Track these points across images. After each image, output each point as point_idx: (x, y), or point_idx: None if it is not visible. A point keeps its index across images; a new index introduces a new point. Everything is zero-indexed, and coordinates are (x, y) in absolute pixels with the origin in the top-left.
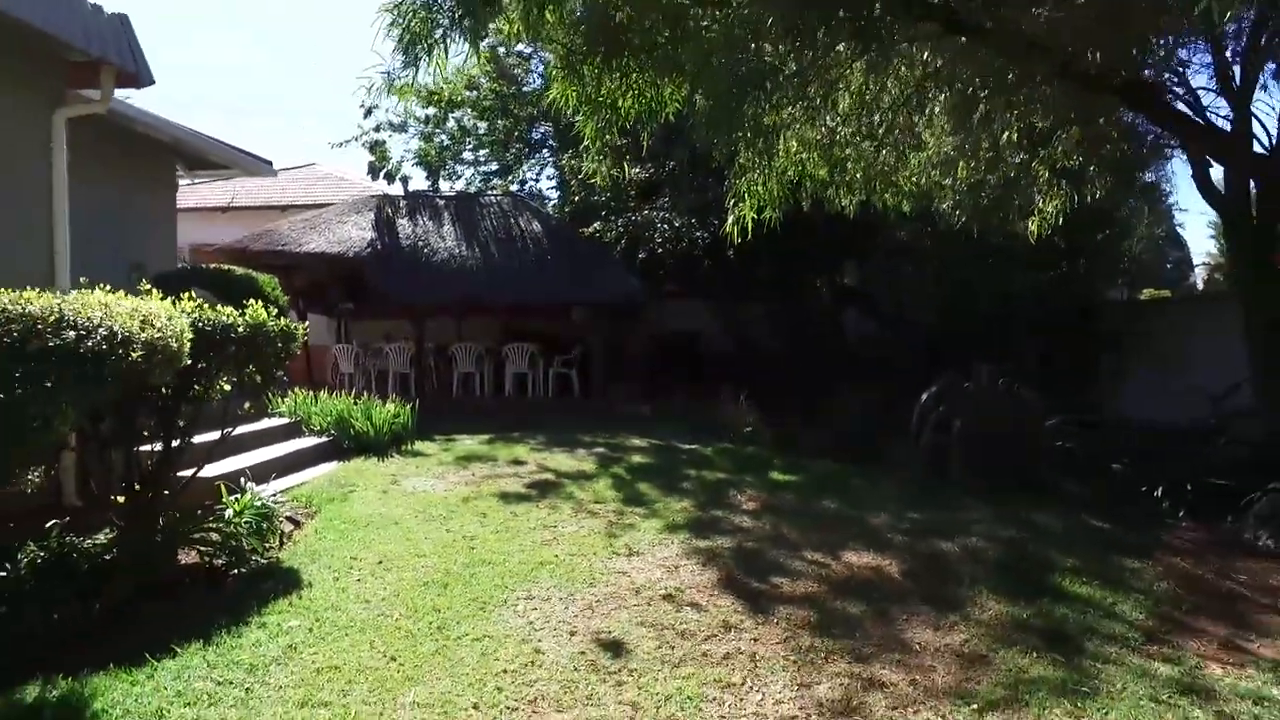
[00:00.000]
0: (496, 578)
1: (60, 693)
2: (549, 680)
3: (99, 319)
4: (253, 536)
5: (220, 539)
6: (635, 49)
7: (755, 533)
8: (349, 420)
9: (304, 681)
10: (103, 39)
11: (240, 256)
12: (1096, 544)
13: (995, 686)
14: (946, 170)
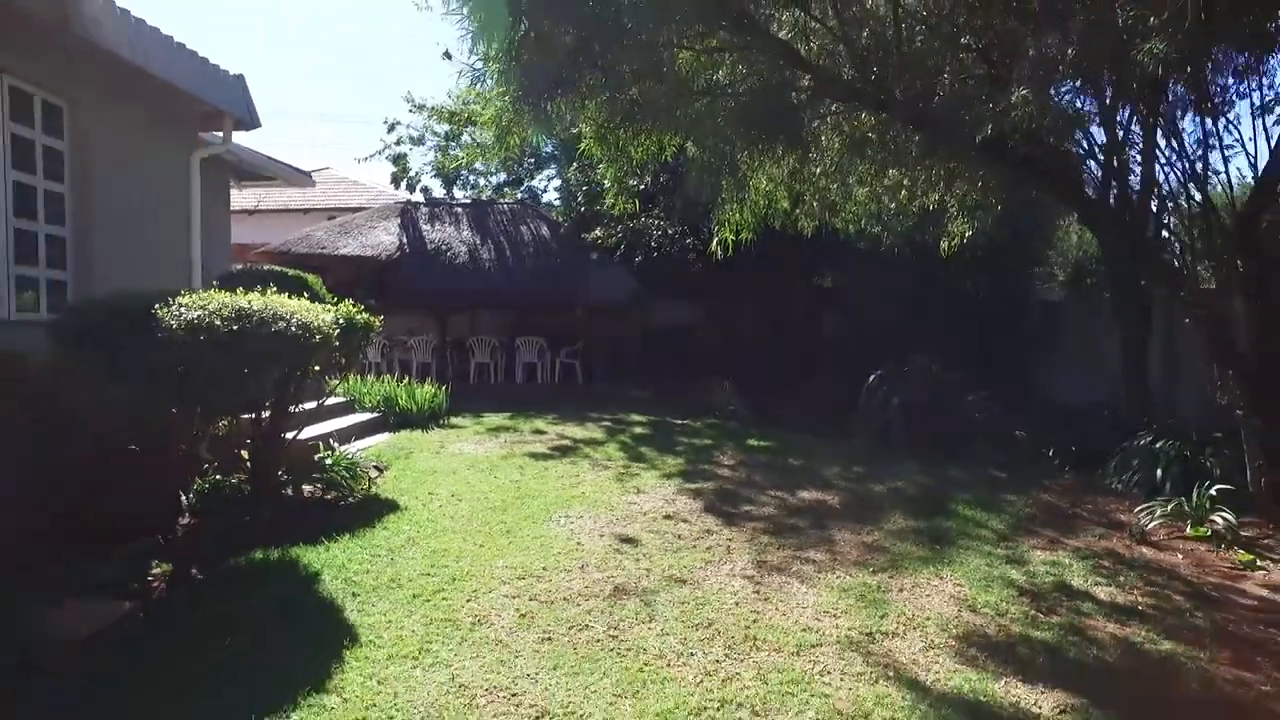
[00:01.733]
0: (540, 505)
1: (274, 557)
2: (589, 556)
3: (293, 312)
4: (349, 479)
5: (328, 480)
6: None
7: (732, 479)
8: (395, 399)
9: (426, 555)
10: (227, 95)
11: (283, 258)
12: (989, 487)
13: (886, 562)
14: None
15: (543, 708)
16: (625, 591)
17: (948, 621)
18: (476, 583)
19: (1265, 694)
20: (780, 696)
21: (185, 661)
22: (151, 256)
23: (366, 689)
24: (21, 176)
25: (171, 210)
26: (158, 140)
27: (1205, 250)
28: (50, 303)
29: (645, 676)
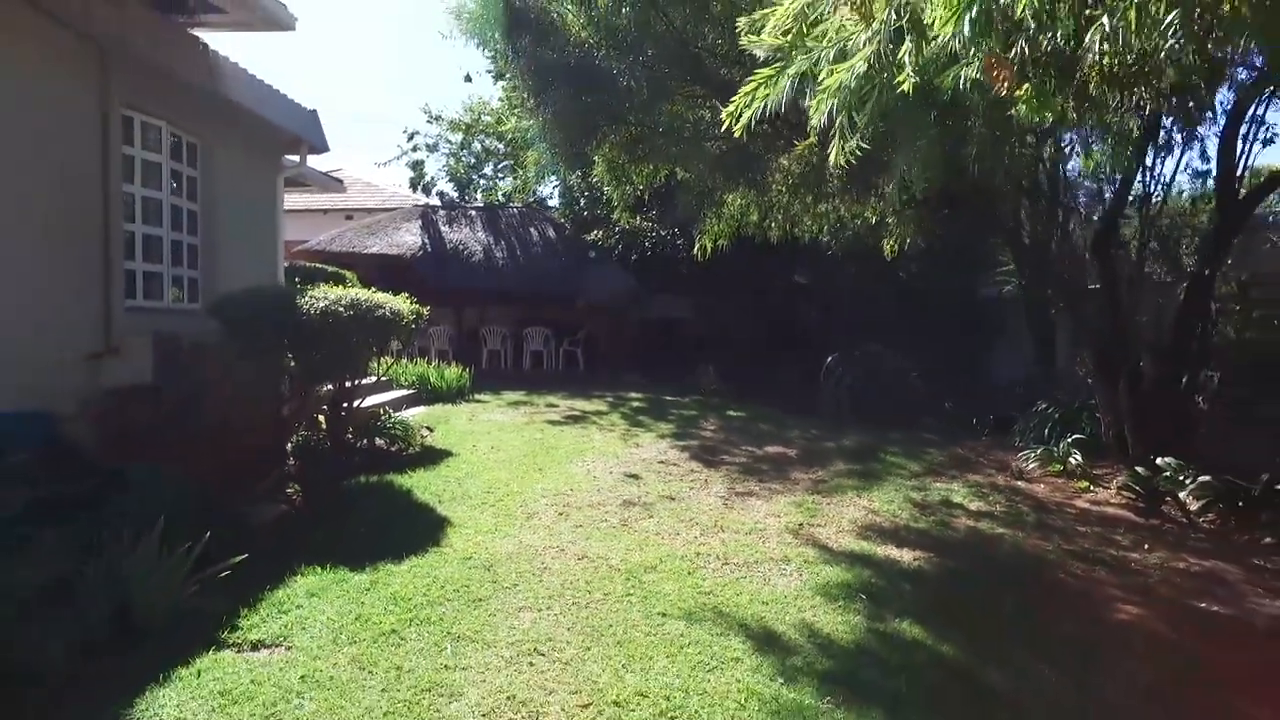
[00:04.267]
0: (561, 454)
1: (373, 481)
2: (603, 484)
3: (386, 302)
4: (405, 437)
5: (389, 436)
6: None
7: (713, 439)
8: (427, 378)
9: (482, 482)
10: (305, 126)
11: (319, 256)
12: (918, 444)
13: (824, 489)
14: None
15: (581, 553)
16: (631, 503)
17: (856, 520)
18: (523, 496)
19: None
20: (735, 551)
21: (338, 533)
22: (250, 258)
23: (465, 546)
24: (173, 199)
25: (263, 220)
26: (255, 165)
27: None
28: (187, 297)
29: (646, 542)
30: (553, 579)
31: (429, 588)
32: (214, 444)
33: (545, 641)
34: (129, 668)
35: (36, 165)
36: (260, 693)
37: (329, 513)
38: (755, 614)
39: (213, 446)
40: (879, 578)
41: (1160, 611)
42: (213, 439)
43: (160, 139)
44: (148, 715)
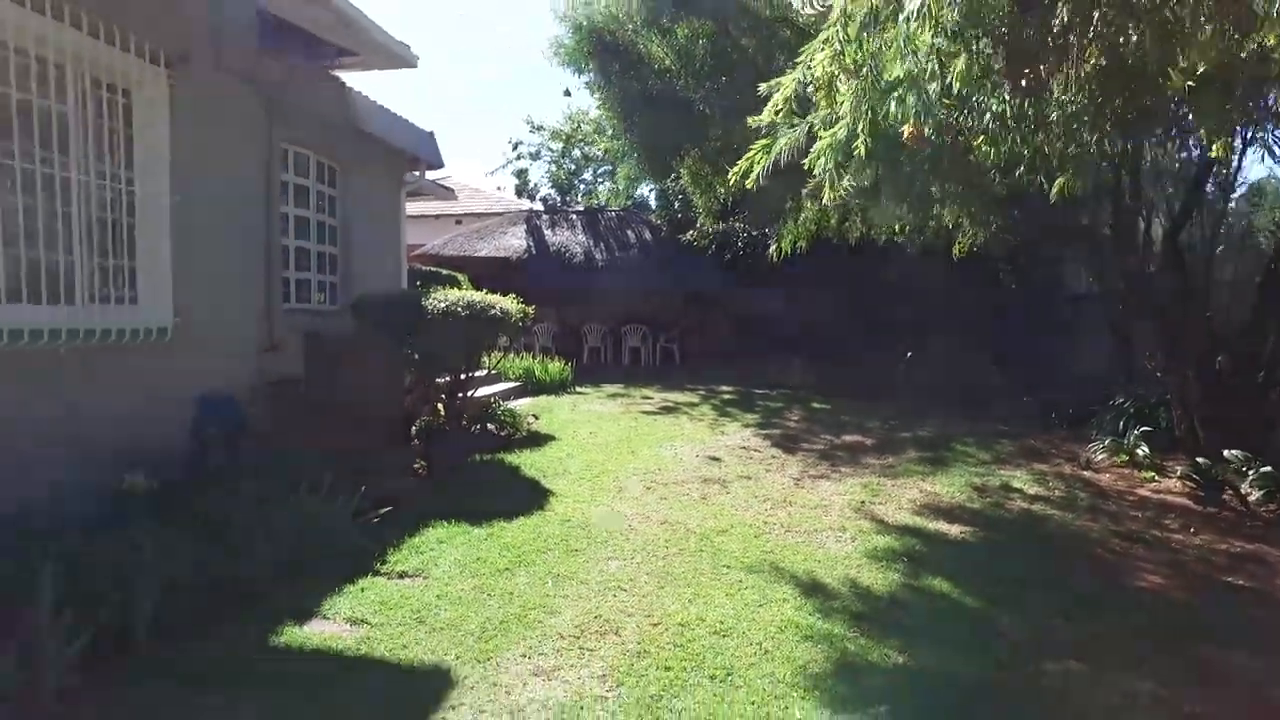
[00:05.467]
0: (653, 439)
1: (487, 459)
2: (687, 464)
3: (497, 302)
4: (513, 422)
5: (499, 422)
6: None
7: (794, 428)
8: (532, 371)
9: (581, 461)
10: (424, 146)
11: (434, 259)
12: (991, 436)
13: (891, 474)
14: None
15: (663, 519)
16: (711, 481)
17: (915, 500)
18: (616, 474)
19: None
20: (799, 522)
21: (459, 498)
22: (379, 263)
23: (564, 511)
24: (320, 216)
25: (388, 230)
26: (381, 182)
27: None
28: (329, 299)
29: (720, 512)
30: (637, 537)
31: (534, 540)
32: (353, 424)
33: (627, 581)
34: (310, 583)
35: (226, 194)
36: (408, 603)
37: (450, 483)
38: (807, 569)
39: (352, 426)
40: (924, 546)
41: (1183, 582)
42: (352, 420)
43: (308, 165)
44: (329, 612)
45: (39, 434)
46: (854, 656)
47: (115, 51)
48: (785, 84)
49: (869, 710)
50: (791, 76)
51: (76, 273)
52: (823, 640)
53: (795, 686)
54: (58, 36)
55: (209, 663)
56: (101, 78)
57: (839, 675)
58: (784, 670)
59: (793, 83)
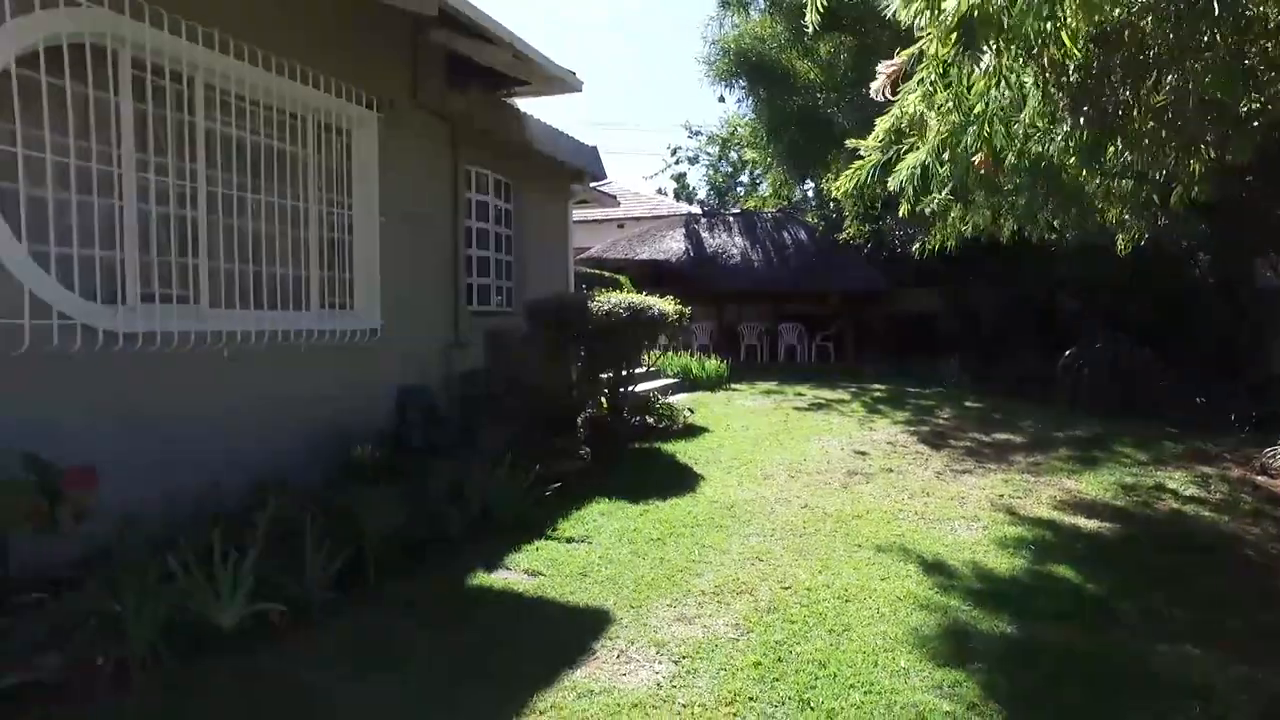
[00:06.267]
0: (801, 434)
1: (644, 447)
2: (833, 457)
3: (655, 304)
4: (670, 415)
5: (657, 415)
6: None
7: (944, 426)
8: (690, 368)
9: (731, 452)
10: (588, 160)
11: (597, 262)
12: (1155, 437)
13: (1037, 471)
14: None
15: (804, 504)
16: (854, 473)
17: (1055, 497)
18: (763, 463)
19: (1244, 532)
20: (933, 511)
21: (619, 480)
22: (548, 269)
23: (713, 493)
24: (496, 228)
25: (556, 238)
26: (550, 194)
27: None
28: (505, 302)
29: (859, 499)
30: (777, 519)
31: (684, 517)
32: (528, 413)
33: (765, 554)
34: (494, 542)
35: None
36: (574, 561)
37: (611, 467)
38: (933, 551)
39: (527, 415)
40: (1054, 536)
41: None
42: (527, 410)
43: (487, 183)
44: (510, 564)
45: (291, 414)
46: (964, 624)
47: (340, 101)
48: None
49: (968, 666)
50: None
51: (311, 285)
52: (937, 609)
53: (903, 643)
54: (300, 94)
55: (419, 595)
56: (329, 123)
57: (946, 637)
58: (896, 630)
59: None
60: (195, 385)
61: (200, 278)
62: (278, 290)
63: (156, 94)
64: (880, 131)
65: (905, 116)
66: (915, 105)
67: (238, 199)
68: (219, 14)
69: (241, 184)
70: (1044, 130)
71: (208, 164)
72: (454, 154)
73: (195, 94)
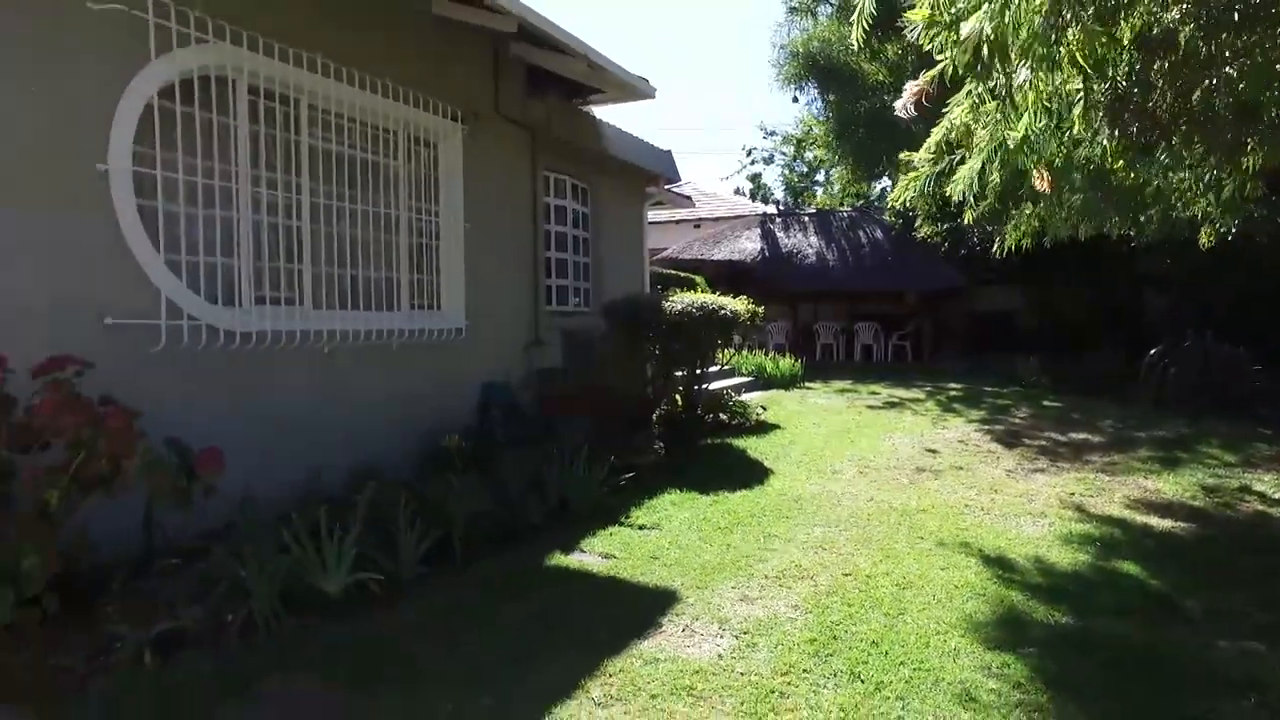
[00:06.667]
0: (873, 431)
1: (717, 443)
2: (903, 454)
3: (728, 304)
4: (743, 412)
5: (730, 412)
6: None
7: (1019, 425)
8: (764, 367)
9: (801, 448)
10: (662, 164)
11: (673, 263)
12: (1246, 439)
13: (1114, 470)
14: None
15: (869, 498)
16: (922, 469)
17: (1130, 496)
18: (832, 459)
19: None
20: (1000, 507)
21: (690, 473)
22: (624, 269)
23: (781, 487)
24: (573, 231)
25: (632, 240)
26: (625, 197)
27: None
28: (583, 302)
29: (925, 495)
30: (842, 511)
31: (752, 508)
32: (603, 409)
33: (828, 543)
34: (570, 528)
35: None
36: (645, 546)
37: (684, 461)
38: (995, 545)
39: (603, 410)
40: (1123, 535)
41: None
42: (602, 406)
43: (565, 188)
44: (585, 547)
45: (384, 408)
46: (1020, 613)
47: (428, 115)
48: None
49: (1020, 650)
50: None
51: (401, 287)
52: (994, 599)
53: (957, 627)
54: (391, 110)
55: (501, 574)
56: (418, 135)
57: (1001, 624)
58: (951, 615)
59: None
60: (300, 381)
61: (304, 281)
62: (371, 292)
63: (267, 116)
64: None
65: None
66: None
67: (336, 208)
68: (321, 41)
69: (339, 194)
70: (1090, 135)
71: (310, 177)
72: (533, 161)
73: (300, 114)
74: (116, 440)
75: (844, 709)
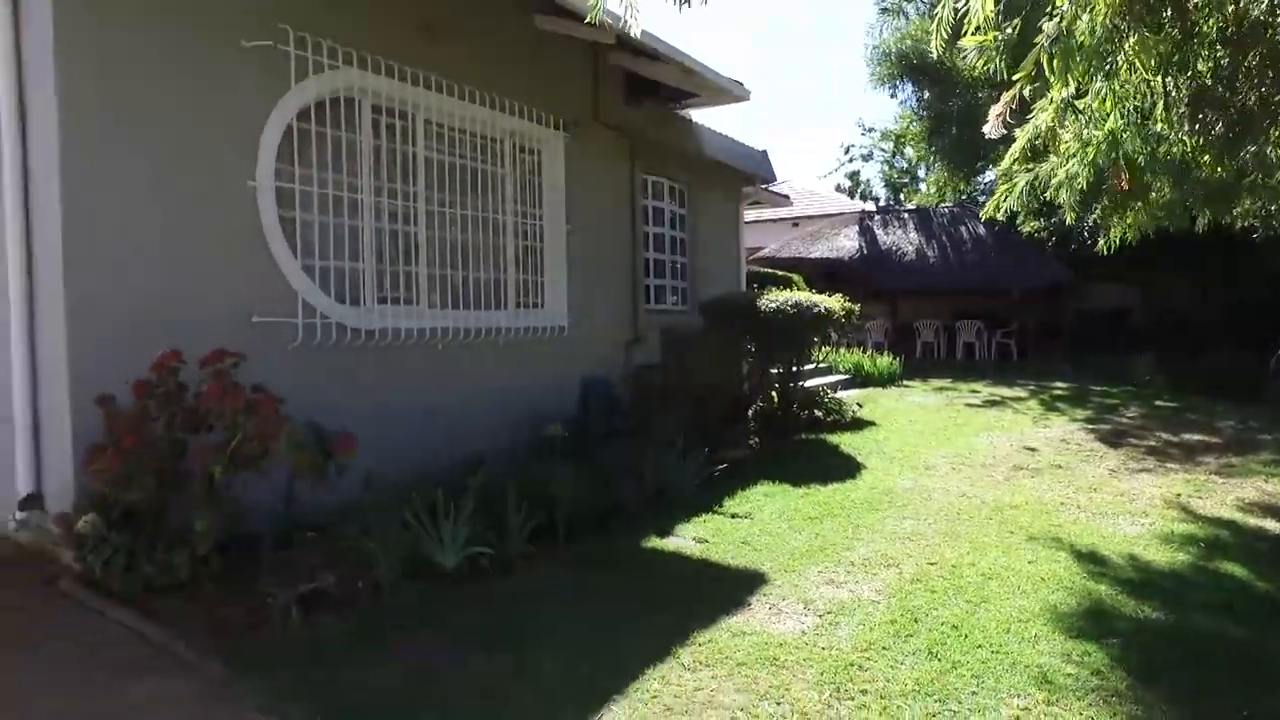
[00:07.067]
0: (969, 429)
1: (811, 438)
2: (999, 452)
3: (822, 302)
4: (838, 409)
5: (825, 408)
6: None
7: (1127, 424)
8: (861, 365)
9: (895, 444)
10: (759, 165)
11: (770, 261)
12: None
13: (1227, 472)
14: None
15: (961, 493)
16: (1020, 467)
17: (1243, 498)
18: (926, 456)
19: None
20: (1098, 505)
21: (783, 466)
22: (720, 269)
23: (872, 481)
24: (670, 232)
25: (728, 240)
26: (721, 198)
27: None
28: (680, 301)
29: (1020, 491)
30: (933, 505)
31: (842, 500)
32: (699, 404)
33: (916, 535)
34: (666, 514)
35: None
36: (737, 532)
37: (778, 455)
38: (1089, 542)
39: (699, 406)
40: (1232, 537)
41: None
42: (698, 401)
43: (662, 190)
44: (680, 532)
45: (491, 399)
46: (1106, 606)
47: (531, 124)
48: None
49: (1102, 640)
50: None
51: (507, 287)
52: (1080, 591)
53: (1039, 616)
54: (498, 121)
55: (600, 554)
56: (522, 144)
57: (1085, 615)
58: (1035, 605)
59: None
60: (416, 374)
61: (420, 282)
62: (480, 292)
63: (387, 131)
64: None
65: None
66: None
67: (448, 214)
68: (435, 61)
69: (451, 201)
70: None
71: (425, 186)
72: (631, 165)
73: (416, 128)
74: (266, 423)
75: (919, 683)
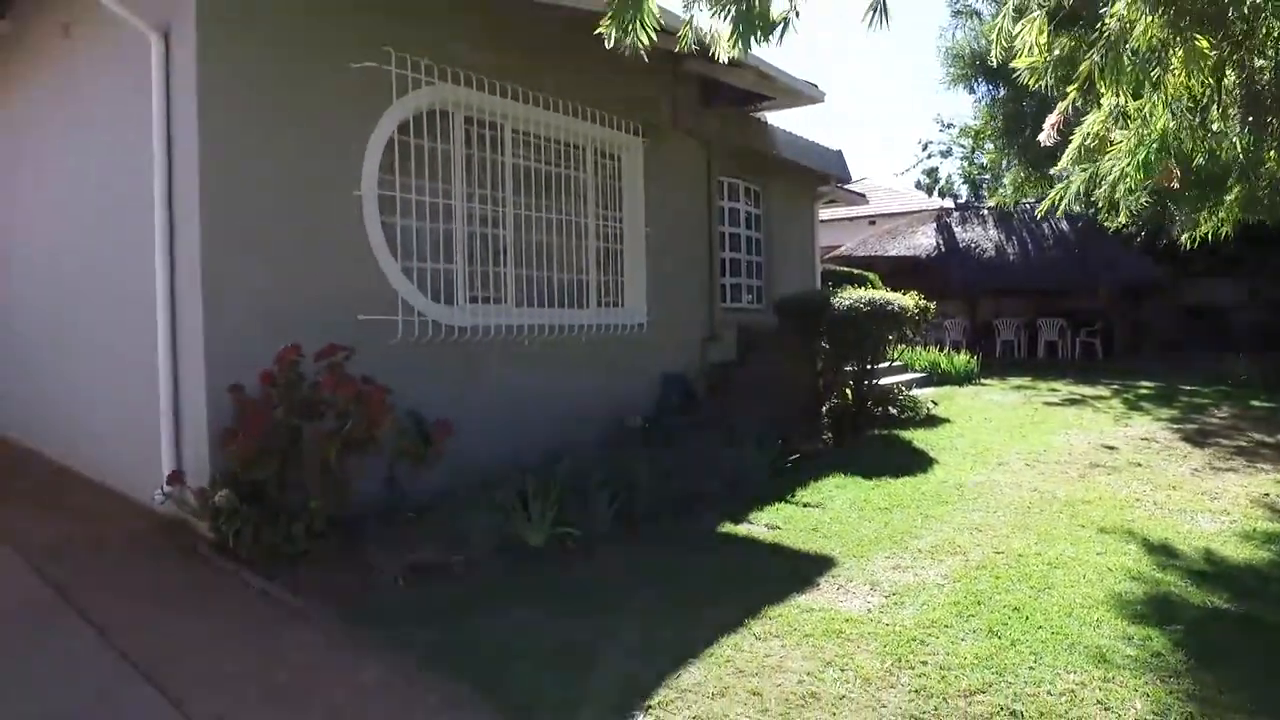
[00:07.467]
0: (1046, 427)
1: (885, 434)
2: (1076, 450)
3: (895, 299)
4: (913, 406)
5: (900, 405)
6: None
7: (1216, 425)
8: (938, 363)
9: (969, 441)
10: (833, 164)
11: (846, 260)
12: None
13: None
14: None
15: (1034, 488)
16: (1097, 465)
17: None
18: (1000, 452)
19: None
20: (1176, 502)
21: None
22: (795, 268)
23: (944, 475)
24: (746, 232)
25: (803, 239)
26: (797, 198)
27: None
28: (755, 300)
29: (1094, 488)
30: (1003, 499)
31: (913, 493)
32: (774, 400)
33: (985, 526)
34: (740, 502)
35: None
36: (808, 520)
37: (850, 449)
38: (1162, 537)
39: (773, 402)
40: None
41: None
42: (773, 397)
43: (737, 191)
44: (753, 519)
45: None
46: (1173, 596)
47: (612, 131)
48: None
49: (1165, 627)
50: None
51: (589, 287)
52: (1148, 581)
53: (1103, 603)
54: (581, 129)
55: (677, 536)
56: (603, 150)
57: (1149, 603)
58: (1099, 593)
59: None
60: (504, 368)
61: (507, 283)
62: (563, 291)
63: (478, 140)
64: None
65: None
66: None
67: (533, 218)
68: (521, 72)
69: (536, 205)
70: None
71: (512, 191)
72: (708, 167)
73: (504, 137)
74: (374, 411)
75: (978, 657)
